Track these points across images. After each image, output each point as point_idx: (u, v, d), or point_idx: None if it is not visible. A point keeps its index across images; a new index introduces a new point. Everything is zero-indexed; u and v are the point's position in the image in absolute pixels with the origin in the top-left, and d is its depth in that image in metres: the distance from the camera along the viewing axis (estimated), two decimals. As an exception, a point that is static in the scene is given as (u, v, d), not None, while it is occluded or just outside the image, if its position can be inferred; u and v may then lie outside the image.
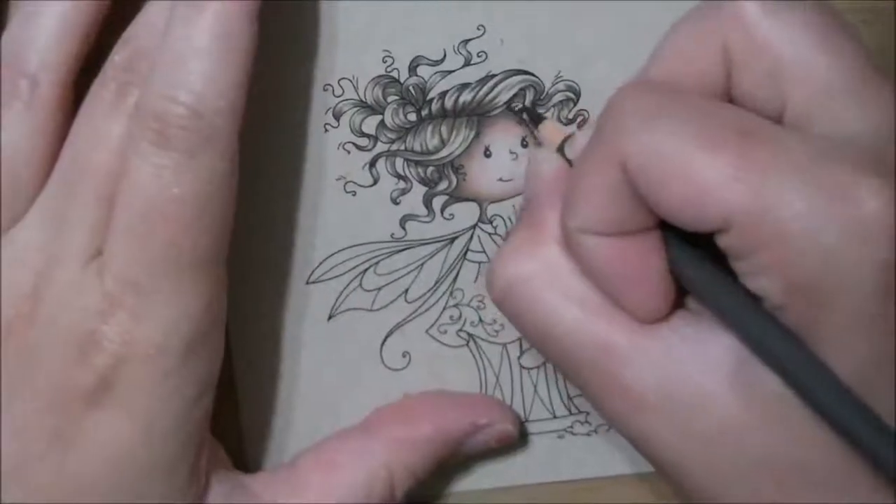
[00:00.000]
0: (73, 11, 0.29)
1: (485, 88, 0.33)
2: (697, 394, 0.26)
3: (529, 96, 0.33)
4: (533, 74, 0.33)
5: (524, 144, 0.34)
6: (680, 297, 0.28)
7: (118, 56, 0.29)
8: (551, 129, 0.32)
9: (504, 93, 0.33)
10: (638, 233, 0.27)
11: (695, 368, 0.27)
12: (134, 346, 0.28)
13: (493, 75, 0.33)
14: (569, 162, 0.30)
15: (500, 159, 0.34)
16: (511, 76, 0.33)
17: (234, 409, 0.34)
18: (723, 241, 0.25)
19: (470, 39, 0.33)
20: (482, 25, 0.33)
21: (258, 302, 0.34)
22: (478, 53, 0.33)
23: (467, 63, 0.33)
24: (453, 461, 0.34)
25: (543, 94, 0.33)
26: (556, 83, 0.33)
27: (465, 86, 0.33)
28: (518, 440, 0.35)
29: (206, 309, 0.29)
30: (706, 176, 0.25)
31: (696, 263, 0.27)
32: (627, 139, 0.26)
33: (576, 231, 0.27)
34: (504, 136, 0.34)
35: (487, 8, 0.33)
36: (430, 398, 0.34)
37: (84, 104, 0.30)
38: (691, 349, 0.27)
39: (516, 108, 0.33)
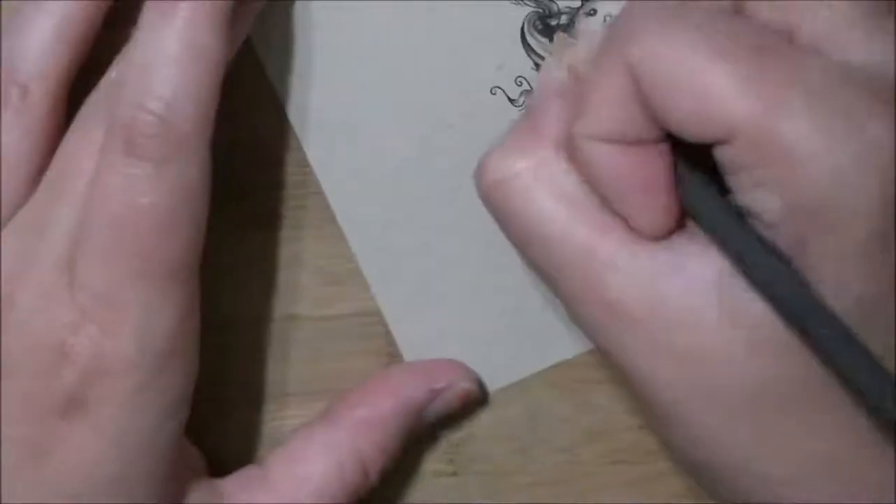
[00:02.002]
0: (66, 22, 0.30)
1: None
2: (682, 310, 0.26)
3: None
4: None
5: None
6: (681, 219, 0.28)
7: (115, 72, 0.30)
8: (562, 41, 0.31)
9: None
10: (645, 143, 0.27)
11: (682, 284, 0.26)
12: (104, 360, 0.28)
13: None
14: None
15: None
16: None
17: (214, 408, 0.34)
18: (723, 153, 0.25)
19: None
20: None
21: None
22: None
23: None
24: (421, 429, 0.34)
25: None
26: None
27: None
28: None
29: (179, 321, 0.29)
30: (716, 84, 0.24)
31: (694, 178, 0.27)
32: (638, 45, 0.25)
33: (582, 137, 0.27)
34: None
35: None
36: (386, 374, 0.34)
37: (77, 116, 0.30)
38: (681, 264, 0.26)
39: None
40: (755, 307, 0.26)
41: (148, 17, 0.28)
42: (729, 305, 0.26)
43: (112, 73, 0.30)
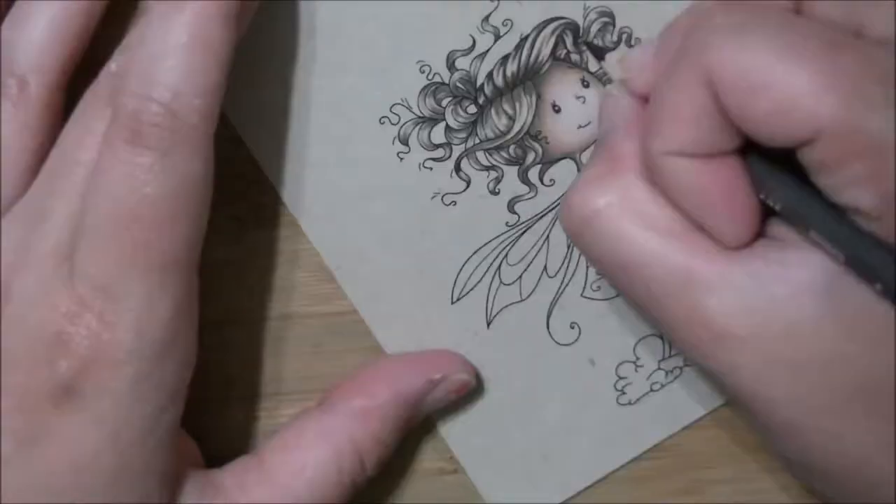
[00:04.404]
0: (64, 15, 0.30)
1: (525, 51, 0.33)
2: (785, 319, 0.26)
3: (569, 38, 0.33)
4: (562, 17, 0.33)
5: (585, 84, 0.34)
6: (762, 224, 0.27)
7: (115, 65, 0.29)
8: (615, 61, 0.31)
9: (544, 46, 0.33)
10: (722, 155, 0.26)
11: (782, 293, 0.26)
12: (102, 350, 0.27)
13: (527, 35, 0.33)
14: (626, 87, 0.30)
15: (570, 108, 0.34)
16: (543, 28, 0.33)
17: (210, 405, 0.34)
18: (810, 155, 0.25)
19: (489, 14, 0.33)
20: (494, -5, 0.33)
21: (418, 339, 0.35)
22: (503, 23, 0.33)
23: (497, 36, 0.33)
24: (416, 420, 0.34)
25: (581, 30, 0.33)
26: (588, 14, 0.33)
27: (505, 58, 0.33)
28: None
29: (176, 312, 0.28)
30: (796, 86, 0.24)
31: (784, 182, 0.26)
32: (714, 54, 0.25)
33: (660, 154, 0.27)
34: (564, 86, 0.34)
35: (490, -23, 0.33)
36: (383, 364, 0.34)
37: (77, 109, 0.30)
38: (777, 273, 0.26)
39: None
40: (868, 305, 0.25)
41: (157, 6, 0.28)
42: (841, 307, 0.25)
43: (112, 66, 0.29)
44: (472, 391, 0.34)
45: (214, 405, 0.34)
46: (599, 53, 0.33)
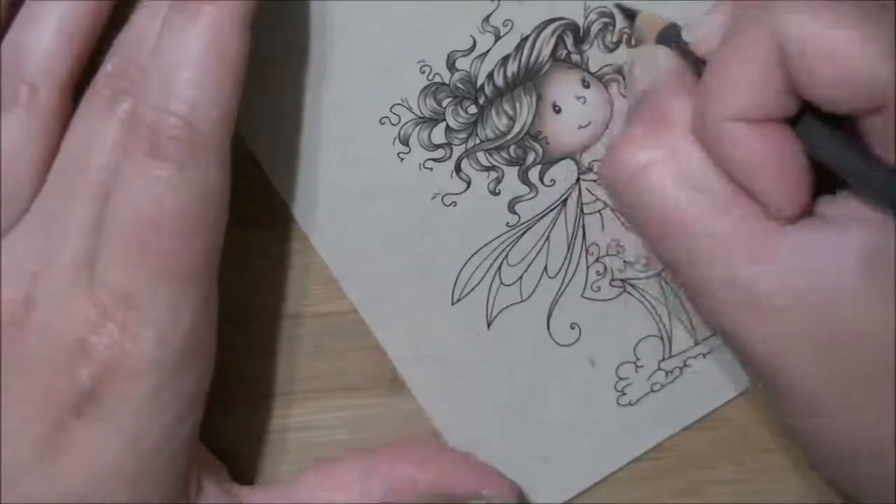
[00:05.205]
0: (73, 17, 0.29)
1: (525, 51, 0.33)
2: (827, 291, 0.26)
3: (569, 38, 0.33)
4: (562, 18, 0.33)
5: (585, 84, 0.34)
6: (811, 202, 0.27)
7: (110, 65, 0.29)
8: (648, 20, 0.31)
9: (545, 47, 0.33)
10: (776, 122, 0.27)
11: (825, 266, 0.26)
12: (124, 359, 0.27)
13: (527, 36, 0.33)
14: (684, 48, 0.30)
15: (571, 108, 0.34)
16: (543, 29, 0.33)
17: (219, 406, 0.33)
18: (872, 123, 0.25)
19: (490, 14, 0.33)
20: (494, -5, 0.33)
21: (418, 339, 0.35)
22: (503, 23, 0.33)
23: (498, 37, 0.33)
24: None
25: (582, 30, 0.33)
26: (588, 14, 0.33)
27: (506, 58, 0.33)
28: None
29: (197, 322, 0.28)
30: (867, 54, 0.25)
31: (838, 139, 0.27)
32: (784, 16, 0.25)
33: (719, 119, 0.27)
34: (564, 87, 0.34)
35: (490, -23, 0.33)
36: (443, 450, 0.34)
37: (77, 112, 0.30)
38: (821, 247, 0.26)
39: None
40: None
41: (171, 17, 0.28)
42: (880, 283, 0.25)
43: (108, 66, 0.29)
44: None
45: (214, 405, 0.33)
46: (630, 14, 0.32)
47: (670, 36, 0.30)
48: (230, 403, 0.35)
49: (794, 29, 0.25)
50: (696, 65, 0.29)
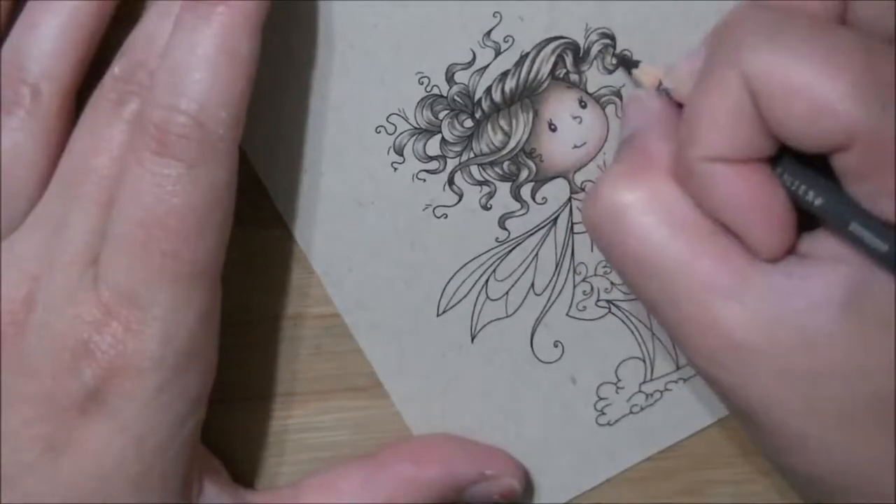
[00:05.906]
0: (75, 17, 0.29)
1: (524, 68, 0.33)
2: (804, 332, 0.26)
3: (569, 57, 0.33)
4: (563, 36, 0.33)
5: (583, 105, 0.34)
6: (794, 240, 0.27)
7: (118, 68, 0.29)
8: (647, 72, 0.31)
9: (544, 65, 0.34)
10: (759, 161, 0.26)
11: (801, 305, 0.26)
12: (127, 357, 0.28)
13: (527, 53, 0.33)
14: (669, 96, 0.30)
15: (567, 128, 0.34)
16: (544, 47, 0.33)
17: (219, 407, 0.33)
18: (843, 161, 0.25)
19: (491, 29, 0.33)
20: (497, 12, 0.33)
21: (401, 349, 0.35)
22: (504, 39, 0.33)
23: (498, 52, 0.33)
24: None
25: (582, 51, 0.33)
26: (589, 35, 0.33)
27: (505, 74, 0.33)
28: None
29: (201, 321, 0.28)
30: (832, 90, 0.24)
31: (820, 180, 0.26)
32: (750, 56, 0.25)
33: (697, 160, 0.26)
34: (561, 105, 0.34)
35: (494, -7, 0.33)
36: (440, 440, 0.34)
37: (84, 114, 0.30)
38: (798, 286, 0.26)
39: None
40: (887, 321, 0.25)
41: (183, 17, 0.28)
42: (859, 322, 0.25)
43: (115, 69, 0.29)
44: (514, 497, 0.34)
45: (213, 405, 0.33)
46: (630, 65, 0.33)
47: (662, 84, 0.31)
48: (230, 404, 0.35)
49: (760, 67, 0.25)
50: None
